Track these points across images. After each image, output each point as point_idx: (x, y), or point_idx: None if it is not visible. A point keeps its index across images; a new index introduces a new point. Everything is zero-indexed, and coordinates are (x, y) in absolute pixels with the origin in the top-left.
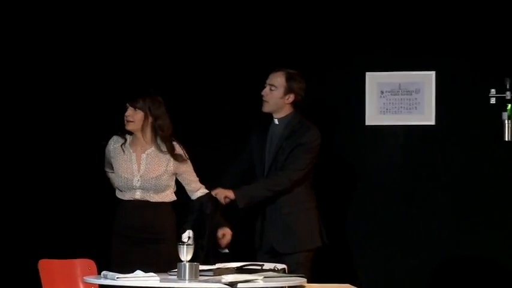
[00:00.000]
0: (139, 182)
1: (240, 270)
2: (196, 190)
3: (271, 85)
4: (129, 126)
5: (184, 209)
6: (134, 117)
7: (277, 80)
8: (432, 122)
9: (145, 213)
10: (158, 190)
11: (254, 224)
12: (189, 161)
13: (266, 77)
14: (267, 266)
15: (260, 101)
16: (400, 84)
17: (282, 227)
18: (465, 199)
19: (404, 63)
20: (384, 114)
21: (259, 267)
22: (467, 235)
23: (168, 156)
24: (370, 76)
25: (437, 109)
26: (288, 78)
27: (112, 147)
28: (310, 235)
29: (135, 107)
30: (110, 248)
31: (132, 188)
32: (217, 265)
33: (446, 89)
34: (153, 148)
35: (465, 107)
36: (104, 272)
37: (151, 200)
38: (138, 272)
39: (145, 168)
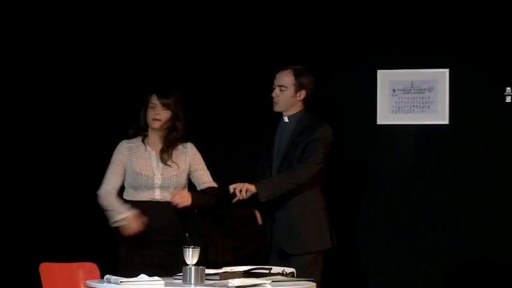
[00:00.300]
0: (160, 180)
1: (247, 274)
2: (209, 183)
3: (281, 86)
4: (156, 125)
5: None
6: (162, 115)
7: (286, 79)
8: (446, 122)
9: (166, 214)
10: (178, 188)
11: (263, 225)
12: (202, 160)
13: (269, 70)
14: (275, 269)
15: (269, 99)
16: (412, 82)
17: (291, 228)
18: (480, 201)
19: (417, 60)
20: (396, 113)
21: (267, 271)
22: (482, 238)
23: (184, 155)
24: (381, 74)
25: (451, 108)
26: (297, 75)
27: (126, 145)
28: (319, 236)
29: (165, 106)
30: (116, 250)
31: (153, 187)
32: (224, 269)
33: (460, 87)
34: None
35: (480, 106)
36: (107, 276)
37: (171, 200)
38: (142, 276)
39: (165, 166)
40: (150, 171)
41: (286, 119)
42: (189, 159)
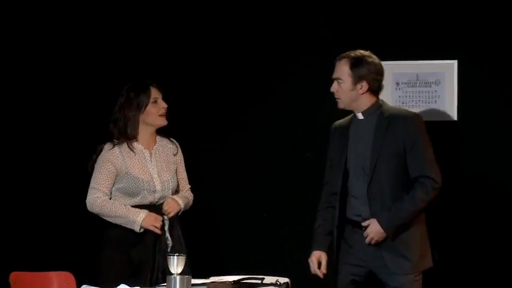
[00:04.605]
0: (159, 183)
1: (237, 285)
2: (184, 190)
3: (337, 78)
4: (164, 121)
5: None
6: (166, 108)
7: (341, 70)
8: (454, 117)
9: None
10: (174, 188)
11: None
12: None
13: (272, 70)
14: (268, 279)
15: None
16: (417, 74)
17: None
18: (491, 202)
19: (422, 51)
20: None
21: (259, 281)
22: (494, 235)
23: (172, 154)
24: (384, 66)
25: (460, 103)
26: (353, 65)
27: (117, 148)
28: (424, 253)
29: (163, 98)
30: (96, 258)
31: (154, 191)
32: (212, 278)
33: (470, 80)
34: (159, 143)
35: (490, 101)
36: (84, 286)
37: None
38: (122, 286)
39: (161, 167)
40: (148, 175)
41: (360, 116)
42: (178, 159)
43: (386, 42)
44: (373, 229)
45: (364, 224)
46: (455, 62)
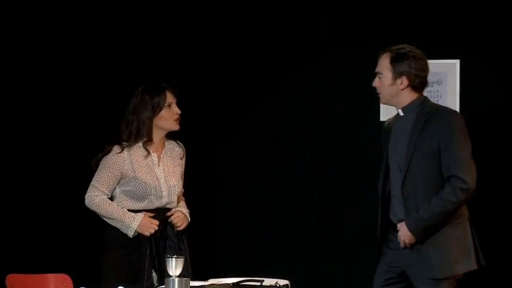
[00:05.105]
0: (166, 187)
1: (236, 287)
2: (180, 200)
3: (378, 73)
4: (178, 126)
5: None
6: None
7: (382, 64)
8: None
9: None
10: (179, 192)
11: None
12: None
13: (273, 69)
14: (268, 281)
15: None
16: None
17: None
18: (496, 203)
19: (424, 50)
20: None
21: (258, 284)
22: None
23: (178, 157)
24: None
25: (462, 103)
26: (394, 59)
27: (126, 149)
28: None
29: (177, 102)
30: (96, 260)
31: (161, 195)
32: (211, 281)
33: (472, 79)
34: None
35: (492, 100)
36: None
37: (173, 208)
38: None
39: (168, 171)
40: (156, 180)
41: (401, 112)
42: (183, 162)
43: (388, 41)
44: (403, 232)
45: (398, 227)
46: (457, 62)
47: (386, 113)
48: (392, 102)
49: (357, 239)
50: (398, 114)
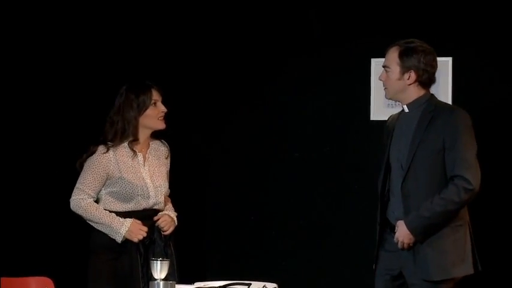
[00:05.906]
0: (152, 187)
1: None
2: (166, 201)
3: (386, 66)
4: (164, 124)
5: None
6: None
7: (390, 58)
8: None
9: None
10: (165, 192)
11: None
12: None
13: (262, 68)
14: (255, 285)
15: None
16: None
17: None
18: (490, 202)
19: None
20: (392, 107)
21: (246, 287)
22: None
23: (163, 156)
24: (376, 63)
25: (454, 100)
26: (402, 53)
27: (111, 150)
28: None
29: (163, 104)
30: (94, 266)
31: (148, 196)
32: (196, 284)
33: (465, 78)
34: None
35: (487, 99)
36: None
37: (160, 208)
38: None
39: (153, 171)
40: (142, 180)
41: (406, 108)
42: (168, 161)
43: (380, 39)
44: (401, 231)
45: (396, 225)
46: (449, 60)
47: (377, 112)
48: (397, 98)
49: (345, 242)
50: (402, 110)
